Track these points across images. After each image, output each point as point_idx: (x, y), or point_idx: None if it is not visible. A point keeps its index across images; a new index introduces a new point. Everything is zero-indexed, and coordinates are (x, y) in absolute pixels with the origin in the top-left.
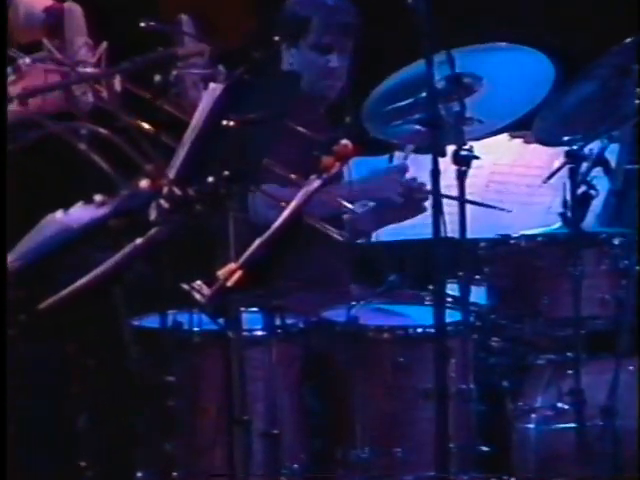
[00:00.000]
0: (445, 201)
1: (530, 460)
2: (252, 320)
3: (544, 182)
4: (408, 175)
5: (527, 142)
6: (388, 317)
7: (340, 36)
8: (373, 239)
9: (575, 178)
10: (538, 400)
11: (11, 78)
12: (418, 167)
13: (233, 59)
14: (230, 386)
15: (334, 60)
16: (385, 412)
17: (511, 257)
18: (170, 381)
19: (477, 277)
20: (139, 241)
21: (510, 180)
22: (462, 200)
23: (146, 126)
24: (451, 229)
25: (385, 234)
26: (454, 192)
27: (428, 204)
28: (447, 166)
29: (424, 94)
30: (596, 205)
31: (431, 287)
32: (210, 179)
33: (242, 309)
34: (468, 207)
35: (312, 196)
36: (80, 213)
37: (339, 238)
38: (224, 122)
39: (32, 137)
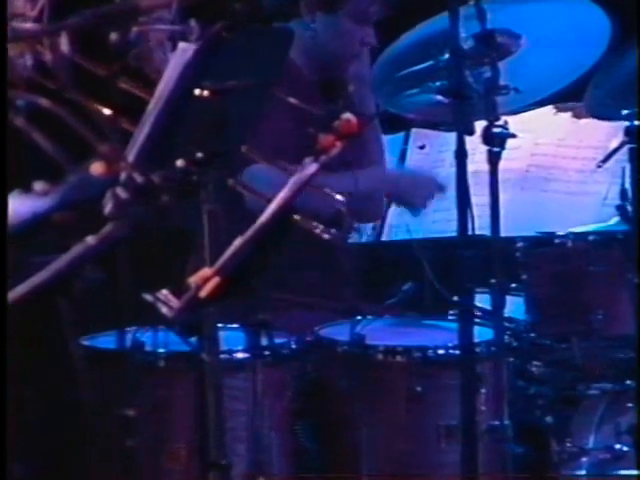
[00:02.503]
0: (473, 191)
1: None
2: (232, 339)
3: (598, 166)
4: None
5: (577, 116)
6: (402, 336)
7: (382, 7)
8: (384, 237)
9: (636, 161)
10: (590, 440)
11: None
12: (439, 148)
13: (208, 12)
14: (205, 422)
15: (371, 35)
16: (398, 453)
17: (556, 260)
18: (130, 415)
19: (513, 285)
20: (91, 240)
21: (556, 164)
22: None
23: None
24: (481, 225)
25: (398, 232)
26: (484, 179)
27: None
28: (476, 146)
29: (447, 56)
30: None
31: (456, 298)
32: (179, 163)
33: (219, 325)
34: (502, 198)
35: (307, 184)
36: (16, 205)
37: (325, 236)
38: (197, 91)
39: None
